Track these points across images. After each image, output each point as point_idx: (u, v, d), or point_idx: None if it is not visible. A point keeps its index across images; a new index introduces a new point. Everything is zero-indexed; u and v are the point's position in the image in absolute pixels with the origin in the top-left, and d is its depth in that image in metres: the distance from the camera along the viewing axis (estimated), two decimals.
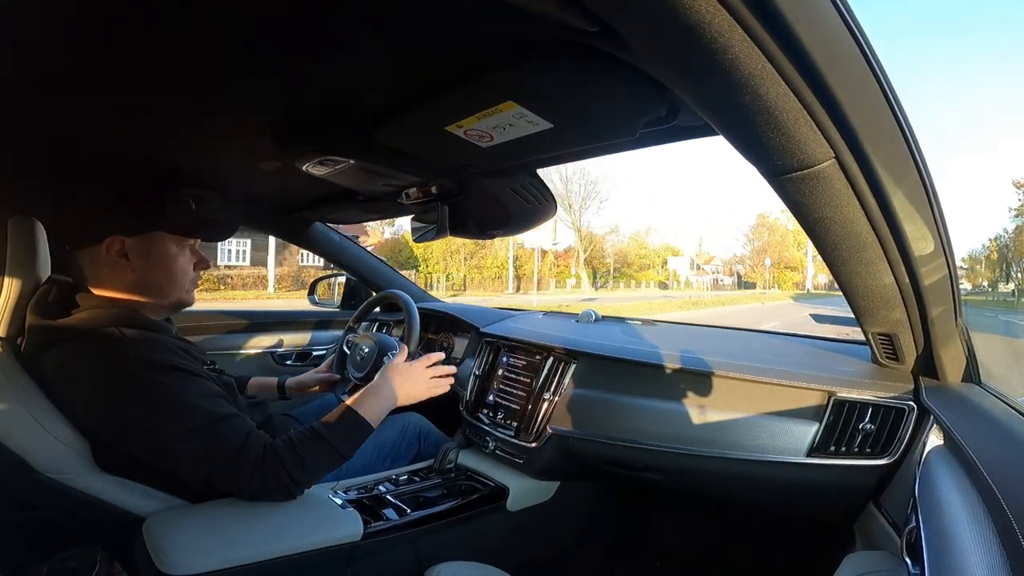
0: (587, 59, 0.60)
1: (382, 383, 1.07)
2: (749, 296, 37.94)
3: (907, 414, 0.86)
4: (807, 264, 48.54)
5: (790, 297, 37.46)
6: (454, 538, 1.09)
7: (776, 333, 1.44)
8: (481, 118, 0.77)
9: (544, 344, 1.31)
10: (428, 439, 1.40)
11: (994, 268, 31.69)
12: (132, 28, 0.60)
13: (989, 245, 31.98)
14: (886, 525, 0.80)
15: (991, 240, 31.18)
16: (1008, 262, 30.67)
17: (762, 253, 49.43)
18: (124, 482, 0.88)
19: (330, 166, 1.01)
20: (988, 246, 32.09)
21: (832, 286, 45.05)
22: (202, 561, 0.80)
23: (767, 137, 0.52)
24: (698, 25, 0.41)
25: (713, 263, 50.70)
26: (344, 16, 0.58)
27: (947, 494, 0.59)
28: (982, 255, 32.81)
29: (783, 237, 50.23)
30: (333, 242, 1.90)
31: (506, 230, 1.32)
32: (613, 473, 1.19)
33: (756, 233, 50.58)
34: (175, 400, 0.83)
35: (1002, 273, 31.36)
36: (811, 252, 45.75)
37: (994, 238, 31.73)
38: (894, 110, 0.53)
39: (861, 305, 0.81)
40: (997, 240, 31.36)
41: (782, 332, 1.44)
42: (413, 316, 1.43)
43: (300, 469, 0.88)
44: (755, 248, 50.30)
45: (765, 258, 48.45)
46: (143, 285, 0.94)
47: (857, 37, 0.46)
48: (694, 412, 1.04)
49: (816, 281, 50.56)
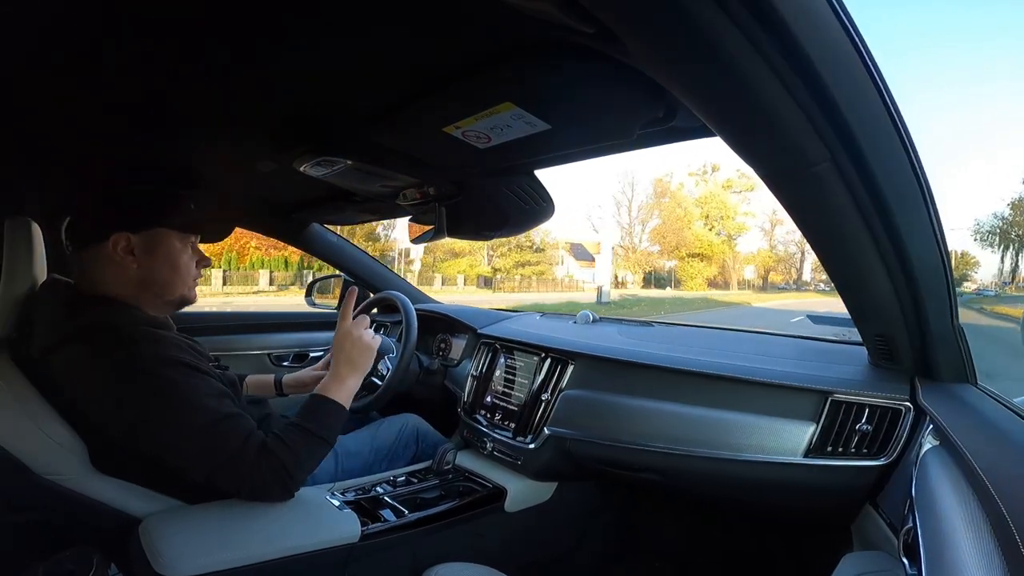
0: (585, 60, 0.60)
1: (336, 363, 1.06)
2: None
3: (904, 415, 0.86)
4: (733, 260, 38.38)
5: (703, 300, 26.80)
6: (452, 539, 1.09)
7: (772, 334, 1.45)
8: (479, 119, 0.77)
9: (541, 345, 1.31)
10: (426, 440, 1.39)
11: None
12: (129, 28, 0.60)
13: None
14: (883, 525, 0.80)
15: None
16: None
17: (660, 236, 37.53)
18: (121, 483, 0.88)
19: (327, 167, 1.01)
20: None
21: (769, 285, 40.41)
22: (198, 562, 0.80)
23: (764, 138, 0.53)
24: (695, 27, 0.41)
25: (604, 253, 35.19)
26: (341, 17, 0.58)
27: (944, 494, 0.59)
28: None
29: (687, 212, 37.57)
30: (330, 243, 1.90)
31: (504, 231, 1.32)
32: (610, 474, 1.19)
33: (647, 209, 38.19)
34: (183, 397, 0.84)
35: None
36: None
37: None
38: (890, 111, 0.53)
39: (858, 306, 0.81)
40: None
41: (778, 333, 1.44)
42: (410, 317, 1.44)
43: (295, 462, 0.89)
44: (654, 229, 38.08)
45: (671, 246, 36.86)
46: (148, 282, 0.94)
47: (853, 38, 0.46)
48: (691, 413, 1.04)
49: (741, 275, 40.03)
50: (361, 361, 1.08)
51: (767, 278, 43.87)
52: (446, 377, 1.60)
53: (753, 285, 42.10)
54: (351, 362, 1.07)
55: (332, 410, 0.99)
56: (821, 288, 41.20)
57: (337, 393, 1.01)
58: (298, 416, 0.96)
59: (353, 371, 1.06)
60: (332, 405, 0.99)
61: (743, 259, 42.62)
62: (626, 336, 1.38)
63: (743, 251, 42.87)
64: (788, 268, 46.61)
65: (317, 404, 0.99)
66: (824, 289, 40.98)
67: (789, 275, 46.55)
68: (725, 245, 39.24)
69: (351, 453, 1.24)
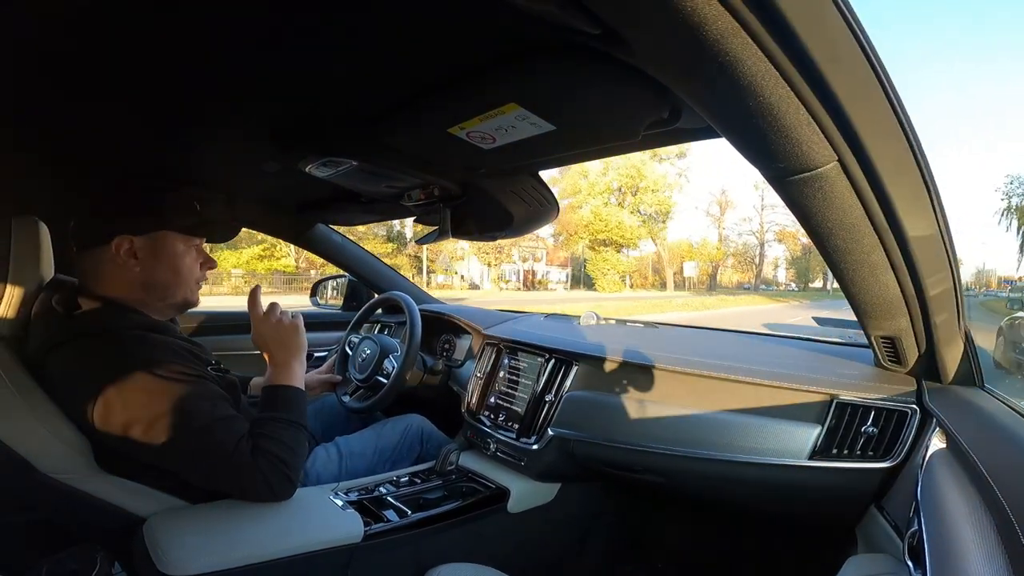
0: (589, 61, 0.60)
1: (269, 354, 1.04)
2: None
3: (910, 417, 0.85)
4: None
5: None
6: (454, 540, 1.09)
7: (777, 336, 1.44)
8: (483, 120, 0.77)
9: (546, 346, 1.31)
10: (430, 441, 1.40)
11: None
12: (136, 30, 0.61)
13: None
14: (888, 528, 0.80)
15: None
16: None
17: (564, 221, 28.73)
18: (125, 483, 0.88)
19: (332, 168, 1.01)
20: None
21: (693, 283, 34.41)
22: (202, 561, 0.80)
23: (769, 139, 0.52)
24: (700, 27, 0.41)
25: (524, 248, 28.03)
26: (346, 17, 0.59)
27: (949, 497, 0.59)
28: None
29: (592, 185, 28.90)
30: (335, 243, 1.91)
31: (508, 232, 1.32)
32: (614, 475, 1.19)
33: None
34: (177, 401, 0.83)
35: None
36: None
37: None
38: (897, 112, 0.53)
39: (864, 308, 0.81)
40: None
41: (783, 335, 1.44)
42: (414, 318, 1.44)
43: (286, 450, 0.90)
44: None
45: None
46: (150, 285, 0.94)
47: (859, 38, 0.46)
48: (695, 414, 1.04)
49: (678, 272, 31.82)
50: (290, 340, 1.05)
51: (715, 276, 38.31)
52: (450, 378, 1.60)
53: (696, 284, 34.94)
54: (281, 344, 1.04)
55: (291, 396, 0.98)
56: (792, 290, 37.31)
57: (286, 379, 1.00)
58: (260, 411, 0.95)
59: (287, 352, 1.03)
60: (289, 391, 0.99)
61: (682, 251, 35.23)
62: (630, 337, 1.38)
63: (690, 243, 37.04)
64: (745, 265, 40.55)
65: (274, 394, 0.98)
66: (793, 290, 37.41)
67: (746, 273, 40.31)
68: (646, 229, 30.47)
69: (355, 453, 1.24)
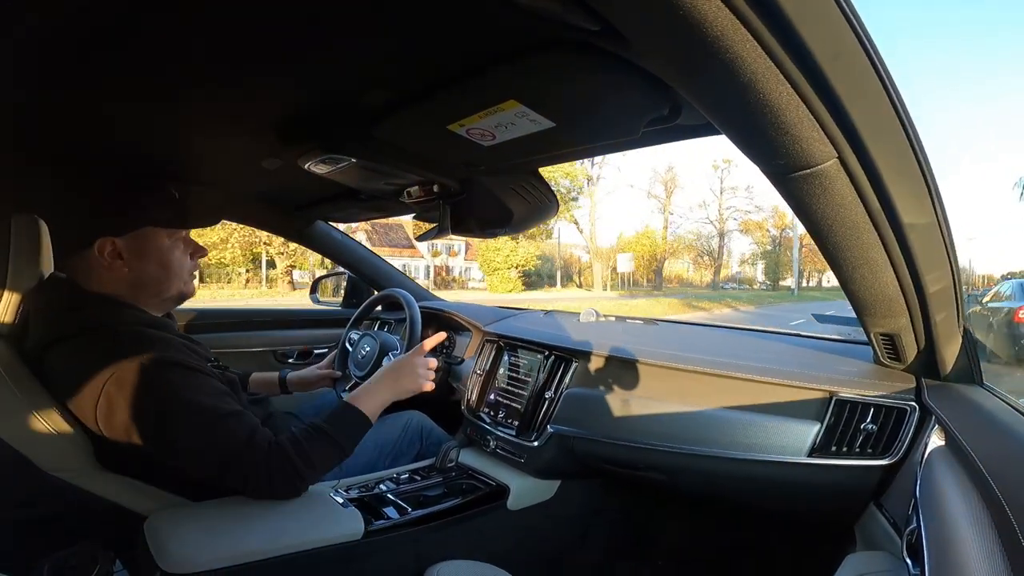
0: (590, 58, 0.60)
1: (379, 378, 1.08)
2: None
3: (909, 414, 0.85)
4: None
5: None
6: (455, 537, 1.09)
7: (777, 332, 1.44)
8: (483, 116, 0.77)
9: (546, 343, 1.31)
10: (430, 438, 1.40)
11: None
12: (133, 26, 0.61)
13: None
14: (887, 526, 0.80)
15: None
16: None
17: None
18: (126, 480, 0.88)
19: (332, 164, 1.01)
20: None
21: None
22: (203, 559, 0.80)
23: (769, 136, 0.52)
24: (700, 24, 0.41)
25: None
26: (346, 14, 0.58)
27: (948, 495, 0.59)
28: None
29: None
30: (335, 240, 1.91)
31: (507, 229, 1.32)
32: (614, 472, 1.19)
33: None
34: (179, 398, 0.83)
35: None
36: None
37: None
38: (897, 110, 0.52)
39: (864, 305, 0.81)
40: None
41: (783, 332, 1.44)
42: (415, 315, 1.44)
43: (306, 464, 0.89)
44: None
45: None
46: (141, 282, 0.93)
47: (860, 35, 0.45)
48: (695, 411, 1.04)
49: (612, 268, 25.39)
50: (406, 387, 1.09)
51: (660, 271, 31.39)
52: (449, 374, 1.61)
53: (632, 282, 28.12)
54: (396, 384, 1.08)
55: (357, 420, 0.99)
56: (765, 287, 31.58)
57: (366, 404, 1.01)
58: (323, 421, 0.96)
59: (392, 392, 1.07)
60: (358, 416, 0.99)
61: (624, 243, 28.68)
62: (630, 334, 1.38)
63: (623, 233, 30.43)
64: (702, 260, 33.42)
65: (347, 414, 0.99)
66: (766, 288, 32.12)
67: (702, 270, 33.30)
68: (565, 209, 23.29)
69: (355, 450, 1.24)
